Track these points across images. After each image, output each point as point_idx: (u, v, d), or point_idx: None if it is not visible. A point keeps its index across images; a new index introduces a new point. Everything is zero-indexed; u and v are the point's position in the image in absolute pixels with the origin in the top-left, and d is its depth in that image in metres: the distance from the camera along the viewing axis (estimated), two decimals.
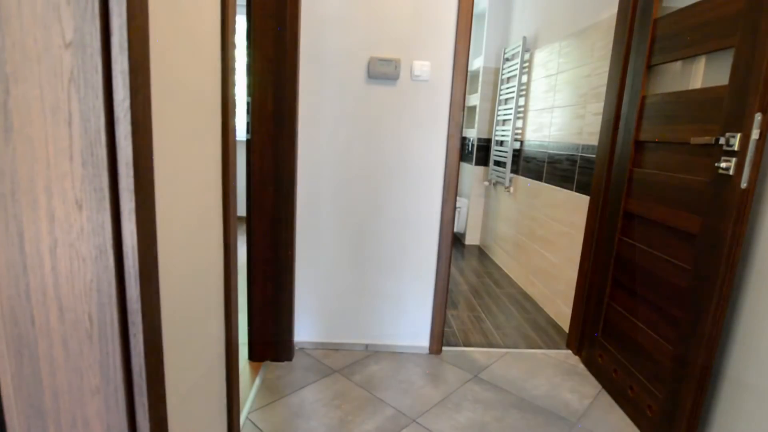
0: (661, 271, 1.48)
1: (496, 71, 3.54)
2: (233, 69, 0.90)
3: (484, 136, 3.64)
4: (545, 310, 2.51)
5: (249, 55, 1.58)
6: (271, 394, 1.62)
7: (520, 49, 2.99)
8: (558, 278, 2.38)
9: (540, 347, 2.09)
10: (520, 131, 3.07)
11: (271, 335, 1.80)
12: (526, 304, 2.61)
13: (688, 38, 1.42)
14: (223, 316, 0.96)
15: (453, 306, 2.51)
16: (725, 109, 1.24)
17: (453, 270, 3.15)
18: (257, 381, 1.69)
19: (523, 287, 2.85)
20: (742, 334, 1.28)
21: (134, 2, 0.53)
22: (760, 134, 1.15)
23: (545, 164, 2.63)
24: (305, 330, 1.94)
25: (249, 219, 1.70)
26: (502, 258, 3.29)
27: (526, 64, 3.01)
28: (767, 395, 1.18)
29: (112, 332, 0.58)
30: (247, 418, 1.49)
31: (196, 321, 0.82)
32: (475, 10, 3.83)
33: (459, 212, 3.86)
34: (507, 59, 3.30)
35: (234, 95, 0.91)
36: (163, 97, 0.65)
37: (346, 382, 1.72)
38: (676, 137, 1.45)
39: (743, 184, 1.17)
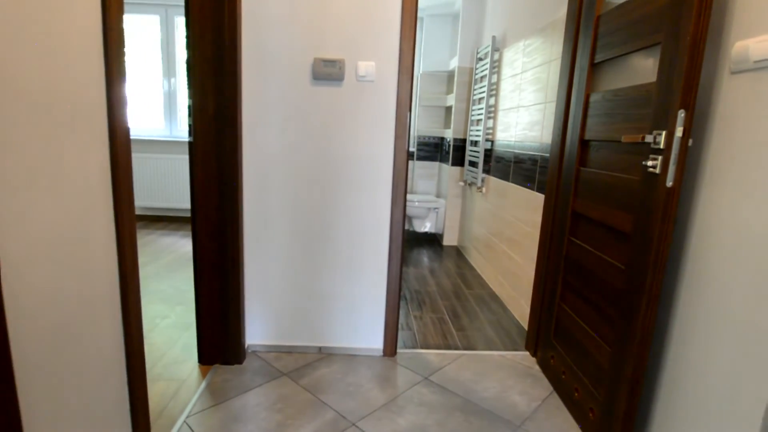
0: (601, 272, 1.46)
1: (471, 71, 3.52)
2: (122, 68, 0.89)
3: (460, 136, 3.62)
4: (511, 311, 2.49)
5: (188, 56, 1.57)
6: (215, 397, 1.61)
7: (490, 48, 2.98)
8: (522, 279, 2.36)
9: (499, 349, 2.07)
10: (491, 131, 3.05)
11: (220, 338, 1.79)
12: (493, 305, 2.59)
13: (623, 35, 1.40)
14: (120, 323, 0.95)
15: (418, 308, 2.49)
16: (653, 106, 1.22)
17: (424, 271, 3.13)
18: (203, 384, 1.68)
19: (492, 288, 2.83)
20: (676, 337, 1.26)
21: None
22: (684, 132, 1.13)
23: (512, 164, 2.61)
24: (258, 333, 1.92)
25: (194, 222, 1.69)
26: (476, 259, 3.27)
27: (496, 64, 2.99)
28: (699, 399, 1.15)
29: None
30: (184, 422, 1.48)
31: (75, 327, 0.81)
32: (450, 10, 3.82)
33: (437, 213, 3.84)
34: (480, 59, 3.28)
35: (124, 95, 0.90)
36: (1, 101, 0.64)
37: (293, 385, 1.70)
38: (612, 136, 1.43)
39: (669, 183, 1.15)
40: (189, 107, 1.61)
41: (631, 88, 1.35)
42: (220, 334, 1.79)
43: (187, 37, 1.56)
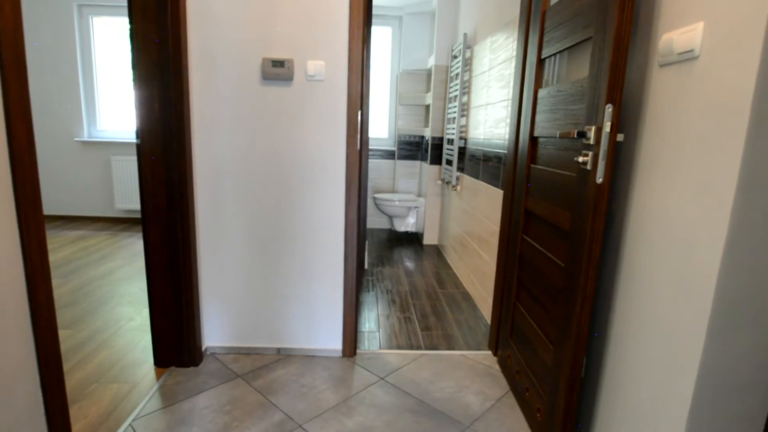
0: (547, 270, 1.44)
1: (447, 69, 3.50)
2: (21, 68, 0.88)
3: (438, 134, 3.60)
4: (481, 310, 2.47)
5: (132, 58, 1.57)
6: (165, 400, 1.60)
7: (462, 46, 2.96)
8: (490, 277, 2.34)
9: (462, 348, 2.05)
10: (464, 129, 3.03)
11: (175, 341, 1.78)
12: (463, 304, 2.57)
13: (564, 30, 1.38)
14: (30, 330, 0.94)
15: (387, 307, 2.48)
16: (586, 101, 1.20)
17: (400, 271, 3.12)
18: (155, 387, 1.68)
19: (466, 287, 2.81)
20: (615, 336, 1.24)
21: None
22: (612, 127, 1.11)
23: (481, 162, 2.59)
24: (217, 334, 1.92)
25: (144, 224, 1.68)
26: (453, 258, 3.25)
27: (468, 61, 2.97)
28: (633, 399, 1.13)
29: None
30: (129, 425, 1.47)
31: None
32: (426, 8, 3.80)
33: (417, 212, 3.83)
34: (454, 56, 3.26)
35: (27, 97, 0.89)
36: None
37: (246, 387, 1.69)
38: (555, 132, 1.41)
39: (598, 179, 1.14)
40: (135, 109, 1.60)
41: (570, 84, 1.33)
42: (175, 337, 1.78)
43: (131, 37, 1.55)
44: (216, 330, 1.91)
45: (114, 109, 4.13)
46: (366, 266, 3.16)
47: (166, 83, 1.58)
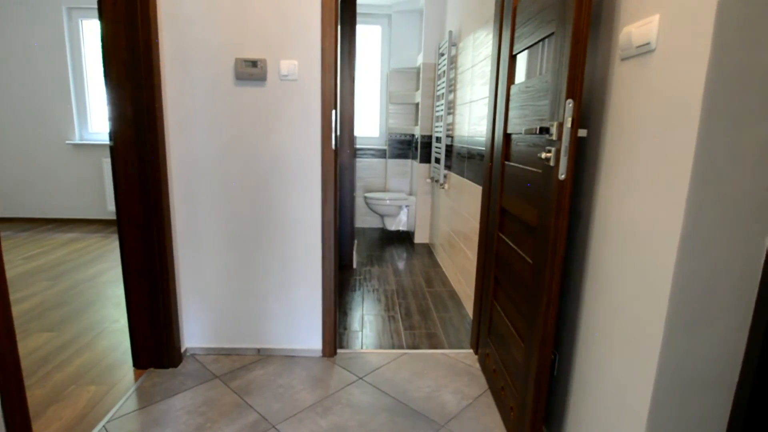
0: (519, 268, 1.43)
1: (435, 67, 3.48)
2: None
3: (427, 133, 3.59)
4: (466, 308, 2.46)
5: (103, 59, 1.57)
6: (141, 401, 1.61)
7: (447, 43, 2.94)
8: (474, 275, 2.33)
9: (444, 347, 2.04)
10: (451, 127, 3.01)
11: (153, 342, 1.79)
12: (449, 303, 2.56)
13: (533, 25, 1.37)
14: None
15: (372, 307, 2.47)
16: (550, 97, 1.19)
17: (388, 270, 3.11)
18: (132, 389, 1.68)
19: (453, 286, 2.80)
20: (582, 336, 1.23)
21: None
22: (573, 122, 1.10)
23: (465, 160, 2.58)
24: (196, 336, 1.92)
25: (120, 227, 1.68)
26: (442, 256, 3.24)
27: (454, 59, 2.95)
28: (600, 400, 1.12)
29: None
30: (103, 426, 1.47)
31: None
32: (415, 6, 3.79)
33: (408, 210, 3.81)
34: (441, 54, 3.24)
35: None
36: None
37: (223, 387, 1.69)
38: (523, 129, 1.40)
39: (561, 175, 1.12)
40: (108, 111, 1.60)
41: (537, 80, 1.32)
42: (154, 338, 1.78)
43: (101, 38, 1.55)
44: (196, 331, 1.91)
45: (105, 111, 4.14)
46: (354, 265, 3.15)
47: (137, 84, 1.58)
